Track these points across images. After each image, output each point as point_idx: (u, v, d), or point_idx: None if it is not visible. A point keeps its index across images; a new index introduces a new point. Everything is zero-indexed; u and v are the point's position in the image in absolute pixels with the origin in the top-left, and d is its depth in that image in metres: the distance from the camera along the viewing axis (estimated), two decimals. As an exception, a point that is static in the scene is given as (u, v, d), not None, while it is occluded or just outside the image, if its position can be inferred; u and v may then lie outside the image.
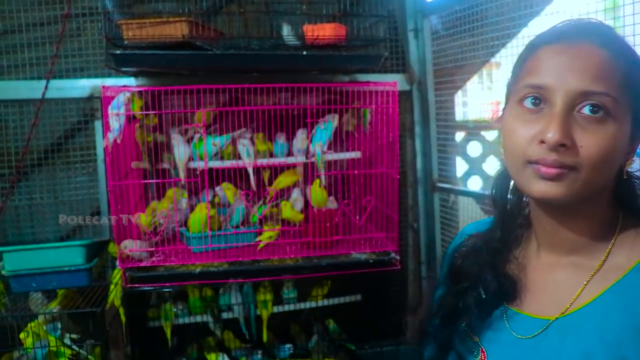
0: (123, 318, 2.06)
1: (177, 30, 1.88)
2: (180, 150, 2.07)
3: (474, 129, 2.77)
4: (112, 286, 2.02)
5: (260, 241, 2.12)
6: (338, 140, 2.29)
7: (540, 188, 0.85)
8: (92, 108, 2.29)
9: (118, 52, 1.93)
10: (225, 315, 2.44)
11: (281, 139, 2.22)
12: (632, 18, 1.51)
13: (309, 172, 2.22)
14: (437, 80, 2.56)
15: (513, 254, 1.04)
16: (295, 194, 2.31)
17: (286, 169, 2.28)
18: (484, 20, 2.25)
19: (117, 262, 1.98)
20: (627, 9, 1.55)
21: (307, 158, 2.21)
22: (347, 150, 2.31)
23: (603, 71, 0.83)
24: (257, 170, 2.20)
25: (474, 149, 2.87)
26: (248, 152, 2.14)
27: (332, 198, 2.29)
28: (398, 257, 2.15)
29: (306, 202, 2.29)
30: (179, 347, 2.45)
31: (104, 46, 2.05)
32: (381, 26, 2.15)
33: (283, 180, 2.30)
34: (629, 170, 0.93)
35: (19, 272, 1.85)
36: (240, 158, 2.15)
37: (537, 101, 0.87)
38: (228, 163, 2.14)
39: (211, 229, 2.05)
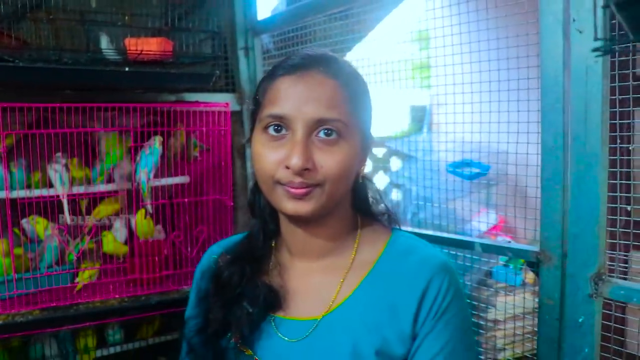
0: None
1: (-31, 37, 1.57)
2: (-25, 180, 1.73)
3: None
4: None
5: (77, 282, 1.86)
6: (164, 165, 2.09)
7: (291, 207, 0.97)
8: None
9: None
10: (37, 368, 2.09)
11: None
12: (436, 50, 1.73)
13: (133, 200, 2.00)
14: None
15: (270, 263, 1.13)
16: (118, 223, 2.07)
17: (103, 197, 2.04)
18: (313, 42, 2.24)
19: None
20: (432, 42, 1.78)
21: (131, 184, 1.99)
22: (174, 175, 2.13)
23: (334, 100, 0.95)
24: (74, 200, 1.93)
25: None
26: (62, 180, 1.87)
27: (159, 227, 2.10)
28: (234, 288, 2.02)
29: (131, 234, 2.07)
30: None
31: None
32: (210, 43, 2.01)
33: (103, 210, 2.05)
34: (363, 174, 1.08)
35: None
36: (52, 186, 1.87)
37: (279, 128, 0.97)
38: (37, 193, 1.84)
39: (17, 272, 1.74)
